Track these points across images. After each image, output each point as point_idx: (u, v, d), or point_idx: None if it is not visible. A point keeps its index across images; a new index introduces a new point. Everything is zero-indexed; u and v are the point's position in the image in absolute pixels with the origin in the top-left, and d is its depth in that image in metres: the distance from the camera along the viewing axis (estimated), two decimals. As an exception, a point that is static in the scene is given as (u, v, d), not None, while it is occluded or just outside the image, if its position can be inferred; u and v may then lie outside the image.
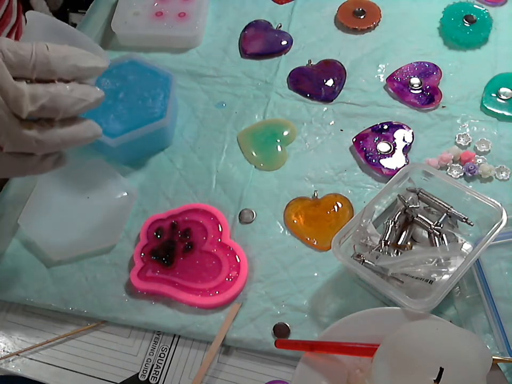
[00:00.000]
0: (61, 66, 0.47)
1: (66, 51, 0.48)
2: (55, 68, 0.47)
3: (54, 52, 0.47)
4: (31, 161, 0.49)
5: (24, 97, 0.45)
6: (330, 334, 0.53)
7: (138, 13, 0.82)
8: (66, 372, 0.57)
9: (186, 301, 0.59)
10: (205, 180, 0.68)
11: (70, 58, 0.48)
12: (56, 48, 0.47)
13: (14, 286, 0.62)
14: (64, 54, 0.47)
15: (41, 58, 0.46)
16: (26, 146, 0.47)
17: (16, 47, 0.45)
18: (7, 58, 0.45)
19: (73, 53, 0.48)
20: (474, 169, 0.65)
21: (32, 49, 0.46)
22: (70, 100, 0.48)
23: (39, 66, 0.46)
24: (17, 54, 0.45)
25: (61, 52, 0.47)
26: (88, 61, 0.49)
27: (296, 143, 0.71)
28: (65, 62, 0.47)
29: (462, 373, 0.45)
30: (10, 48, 0.45)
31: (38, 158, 0.49)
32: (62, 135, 0.49)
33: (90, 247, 0.63)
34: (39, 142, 0.47)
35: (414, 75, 0.75)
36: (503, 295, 0.56)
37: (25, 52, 0.45)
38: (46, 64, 0.46)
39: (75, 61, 0.48)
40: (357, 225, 0.57)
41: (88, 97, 0.49)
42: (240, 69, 0.79)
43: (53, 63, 0.46)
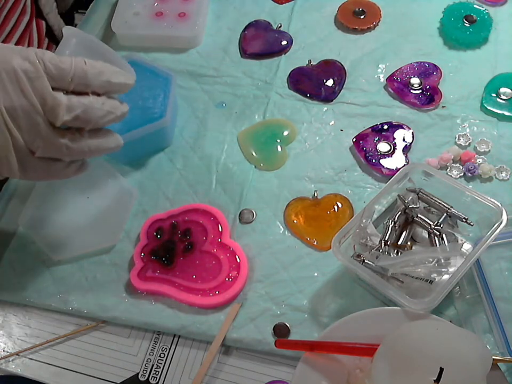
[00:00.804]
0: (96, 80, 0.51)
1: (101, 67, 0.51)
2: (91, 81, 0.50)
3: (91, 67, 0.50)
4: (57, 166, 0.53)
5: (61, 106, 0.49)
6: (330, 334, 0.53)
7: (138, 13, 0.82)
8: (66, 372, 0.57)
9: (186, 301, 0.59)
10: (205, 180, 0.68)
11: (104, 73, 0.51)
12: (93, 63, 0.51)
13: (14, 286, 0.62)
14: (99, 70, 0.51)
15: (79, 72, 0.49)
16: (57, 152, 0.51)
17: (58, 61, 0.49)
18: (48, 70, 0.48)
19: (107, 69, 0.52)
20: (474, 169, 0.65)
21: (72, 63, 0.49)
22: (100, 112, 0.51)
23: (77, 79, 0.49)
24: (58, 67, 0.48)
25: (96, 68, 0.51)
26: (120, 77, 0.53)
27: (296, 143, 0.71)
28: (100, 77, 0.51)
29: (462, 373, 0.45)
30: (52, 61, 0.48)
31: (64, 164, 0.53)
32: (90, 144, 0.52)
33: (90, 247, 0.63)
34: (69, 149, 0.51)
35: (414, 75, 0.75)
36: (503, 295, 0.56)
37: (65, 65, 0.49)
38: (83, 78, 0.50)
39: (108, 77, 0.52)
40: (357, 225, 0.57)
41: (116, 110, 0.53)
42: (240, 69, 0.79)
43: (89, 77, 0.50)
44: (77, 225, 0.64)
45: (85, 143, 0.52)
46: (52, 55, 0.49)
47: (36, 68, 0.47)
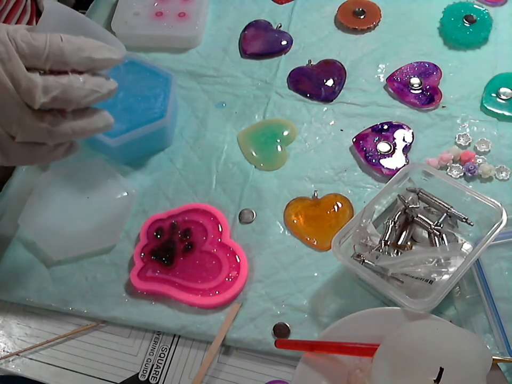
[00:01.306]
0: (75, 57, 0.47)
1: (81, 42, 0.47)
2: (69, 59, 0.46)
3: (69, 43, 0.46)
4: (41, 150, 0.49)
5: (37, 88, 0.45)
6: (330, 334, 0.53)
7: (138, 13, 0.82)
8: (66, 372, 0.57)
9: (186, 301, 0.59)
10: (205, 180, 0.68)
11: (84, 49, 0.47)
12: (71, 39, 0.47)
13: (14, 286, 0.62)
14: (78, 46, 0.47)
15: (54, 49, 0.46)
16: (38, 136, 0.48)
17: (30, 38, 0.45)
18: (20, 48, 0.45)
19: (88, 44, 0.48)
20: (474, 169, 0.65)
21: (46, 40, 0.45)
22: (82, 92, 0.48)
23: (53, 57, 0.46)
24: (30, 45, 0.45)
25: (75, 44, 0.47)
26: (103, 52, 0.49)
27: (296, 143, 0.71)
28: (79, 53, 0.47)
29: (462, 373, 0.45)
30: (24, 38, 0.45)
31: (49, 147, 0.50)
32: (74, 126, 0.49)
33: (90, 247, 0.63)
34: (51, 133, 0.48)
35: (414, 75, 0.75)
36: (503, 295, 0.56)
37: (39, 43, 0.45)
38: (59, 55, 0.46)
39: (89, 53, 0.48)
40: (357, 225, 0.57)
41: (101, 88, 0.50)
42: (240, 69, 0.79)
43: (67, 54, 0.46)
44: (77, 225, 0.64)
45: (68, 125, 0.49)
46: (25, 32, 0.45)
47: (7, 48, 0.44)
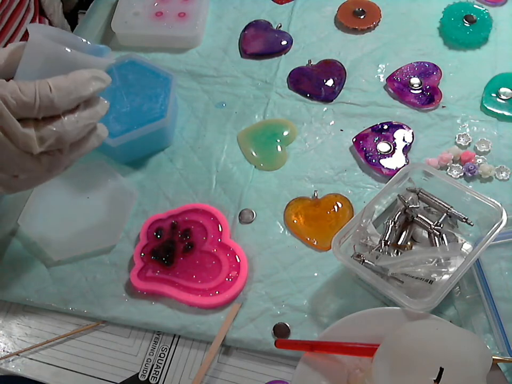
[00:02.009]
0: (65, 102, 0.48)
1: (69, 85, 0.48)
2: (60, 105, 0.47)
3: (57, 91, 0.47)
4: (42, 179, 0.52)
5: (32, 141, 0.47)
6: (330, 334, 0.53)
7: (138, 13, 0.82)
8: (66, 372, 0.57)
9: (186, 301, 0.59)
10: (205, 180, 0.68)
11: (73, 91, 0.48)
12: (59, 84, 0.47)
13: (14, 286, 0.62)
14: (67, 90, 0.47)
15: (45, 101, 0.47)
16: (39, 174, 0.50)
17: (20, 94, 0.46)
18: (12, 106, 0.46)
19: (76, 83, 0.48)
20: (474, 169, 0.65)
21: (35, 93, 0.46)
22: (76, 131, 0.49)
23: (44, 108, 0.47)
24: (21, 101, 0.46)
25: (64, 89, 0.47)
26: (92, 85, 0.49)
27: (296, 143, 0.71)
28: (69, 96, 0.48)
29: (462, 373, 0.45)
30: (13, 95, 0.46)
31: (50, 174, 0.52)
32: (71, 157, 0.51)
33: (90, 247, 0.63)
34: (50, 170, 0.50)
35: (414, 75, 0.75)
36: (503, 295, 0.56)
37: (28, 98, 0.46)
38: (50, 105, 0.47)
39: (79, 92, 0.48)
40: (357, 225, 0.57)
41: (94, 118, 0.51)
42: (240, 69, 0.79)
43: (57, 102, 0.47)
44: (77, 225, 0.64)
45: (65, 158, 0.50)
46: (13, 87, 0.46)
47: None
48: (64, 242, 0.63)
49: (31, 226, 0.64)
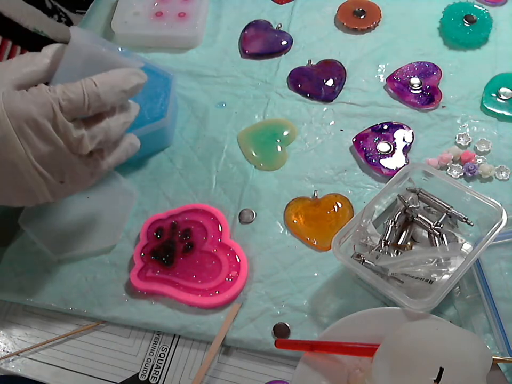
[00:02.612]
0: (111, 97, 0.50)
1: (112, 80, 0.50)
2: (106, 100, 0.50)
3: (102, 85, 0.49)
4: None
5: (85, 139, 0.49)
6: (330, 334, 0.53)
7: (138, 13, 0.82)
8: (66, 372, 0.57)
9: (186, 301, 0.59)
10: (205, 180, 0.68)
11: (116, 86, 0.50)
12: (103, 80, 0.49)
13: (14, 286, 0.62)
14: (110, 84, 0.50)
15: (93, 98, 0.49)
16: (83, 179, 0.52)
17: (69, 94, 0.48)
18: (64, 108, 0.48)
19: (117, 77, 0.51)
20: (474, 169, 0.65)
21: (84, 92, 0.48)
22: (118, 129, 0.52)
23: (93, 105, 0.49)
24: (71, 102, 0.48)
25: (108, 83, 0.49)
26: (132, 80, 0.52)
27: (296, 143, 0.71)
28: (113, 90, 0.50)
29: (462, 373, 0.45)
30: (64, 96, 0.47)
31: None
32: (110, 162, 0.53)
33: (90, 247, 0.63)
34: (93, 174, 0.53)
35: (414, 75, 0.75)
36: (503, 295, 0.56)
37: (78, 97, 0.48)
38: (98, 101, 0.49)
39: (121, 86, 0.51)
40: (357, 225, 0.57)
41: (130, 118, 0.53)
42: (240, 69, 0.79)
43: (104, 97, 0.49)
44: (77, 225, 0.64)
45: (105, 163, 0.53)
46: (62, 89, 0.47)
47: (54, 112, 0.47)
48: (64, 243, 0.63)
49: (31, 226, 0.64)
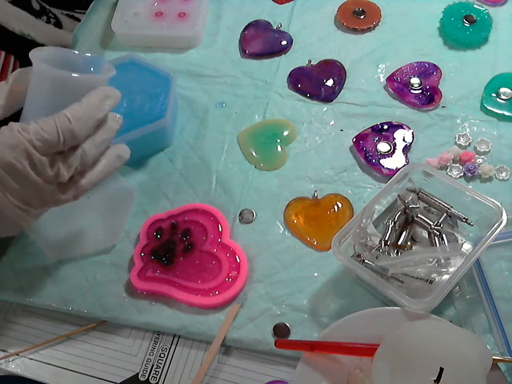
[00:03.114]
0: (85, 130, 0.49)
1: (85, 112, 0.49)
2: (81, 135, 0.49)
3: (76, 121, 0.48)
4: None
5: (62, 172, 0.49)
6: (330, 334, 0.53)
7: (138, 13, 0.82)
8: (66, 372, 0.57)
9: (186, 301, 0.59)
10: (205, 180, 0.68)
11: (90, 118, 0.49)
12: (76, 114, 0.48)
13: (14, 286, 0.62)
14: (84, 118, 0.49)
15: (68, 136, 0.48)
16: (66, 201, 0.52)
17: (42, 133, 0.47)
18: (38, 147, 0.47)
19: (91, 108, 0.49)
20: (474, 169, 0.65)
21: (58, 130, 0.47)
22: (95, 150, 0.51)
23: (68, 142, 0.48)
24: (45, 141, 0.47)
25: (81, 118, 0.49)
26: (105, 107, 0.51)
27: (296, 143, 0.71)
28: (87, 123, 0.49)
29: (462, 373, 0.45)
30: (37, 136, 0.47)
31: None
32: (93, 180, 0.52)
33: (91, 247, 0.63)
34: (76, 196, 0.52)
35: (414, 75, 0.75)
36: (503, 295, 0.56)
37: (51, 136, 0.47)
38: (73, 138, 0.48)
39: (95, 116, 0.50)
40: (357, 225, 0.57)
41: (109, 135, 0.52)
42: (240, 69, 0.79)
43: (78, 133, 0.48)
44: (77, 225, 0.64)
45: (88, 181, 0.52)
46: (35, 129, 0.47)
47: (28, 153, 0.47)
48: (64, 242, 0.63)
49: (31, 226, 0.64)
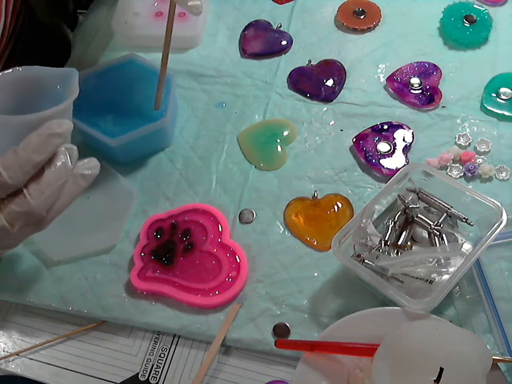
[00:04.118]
0: (19, 177, 0.46)
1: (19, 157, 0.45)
2: (15, 182, 0.45)
3: (6, 170, 0.45)
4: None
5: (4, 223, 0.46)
6: (330, 334, 0.53)
7: (138, 13, 0.82)
8: (66, 372, 0.57)
9: (186, 301, 0.59)
10: (205, 180, 0.68)
11: (25, 163, 0.45)
12: (7, 163, 0.45)
13: (14, 286, 0.62)
14: (17, 165, 0.45)
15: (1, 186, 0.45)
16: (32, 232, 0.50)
17: None
18: None
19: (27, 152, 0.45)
20: (474, 169, 0.65)
21: None
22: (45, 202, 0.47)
23: (1, 192, 0.46)
24: None
25: (13, 166, 0.45)
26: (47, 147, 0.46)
27: (296, 143, 0.71)
28: (22, 170, 0.45)
29: (462, 373, 0.45)
30: None
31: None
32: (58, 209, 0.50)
33: (90, 247, 0.63)
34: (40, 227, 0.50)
35: (414, 75, 0.75)
36: (503, 295, 0.56)
37: None
38: (5, 187, 0.45)
39: (32, 161, 0.46)
40: (357, 225, 0.57)
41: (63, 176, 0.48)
42: (240, 69, 0.79)
43: (11, 181, 0.45)
44: (77, 225, 0.64)
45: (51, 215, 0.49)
46: None
47: None
48: (64, 242, 0.63)
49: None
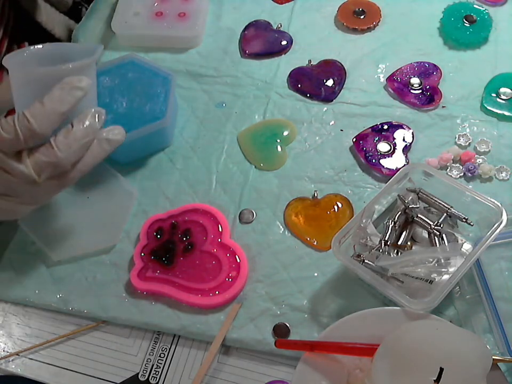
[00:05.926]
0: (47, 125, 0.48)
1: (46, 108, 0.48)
2: (43, 131, 0.48)
3: (35, 119, 0.47)
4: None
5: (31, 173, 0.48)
6: (330, 334, 0.53)
7: (138, 13, 0.82)
8: (66, 372, 0.57)
9: (186, 301, 0.59)
10: (205, 180, 0.68)
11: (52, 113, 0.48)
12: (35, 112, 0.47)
13: (14, 286, 0.62)
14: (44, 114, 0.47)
15: (28, 134, 0.47)
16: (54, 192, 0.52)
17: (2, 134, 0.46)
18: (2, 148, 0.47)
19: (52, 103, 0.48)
20: (474, 169, 0.65)
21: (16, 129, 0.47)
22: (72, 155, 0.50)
23: (30, 140, 0.47)
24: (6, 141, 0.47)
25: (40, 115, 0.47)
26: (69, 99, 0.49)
27: (296, 143, 0.71)
28: (50, 119, 0.48)
29: (462, 373, 0.45)
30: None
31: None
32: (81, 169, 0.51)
33: (90, 247, 0.63)
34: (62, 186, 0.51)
35: (414, 75, 0.75)
36: (503, 295, 0.56)
37: (11, 135, 0.47)
38: (34, 135, 0.47)
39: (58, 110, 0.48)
40: (357, 225, 0.57)
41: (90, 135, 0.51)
42: (240, 69, 0.79)
43: (40, 130, 0.47)
44: (77, 225, 0.64)
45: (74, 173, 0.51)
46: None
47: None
48: (64, 242, 0.63)
49: (31, 226, 0.64)
